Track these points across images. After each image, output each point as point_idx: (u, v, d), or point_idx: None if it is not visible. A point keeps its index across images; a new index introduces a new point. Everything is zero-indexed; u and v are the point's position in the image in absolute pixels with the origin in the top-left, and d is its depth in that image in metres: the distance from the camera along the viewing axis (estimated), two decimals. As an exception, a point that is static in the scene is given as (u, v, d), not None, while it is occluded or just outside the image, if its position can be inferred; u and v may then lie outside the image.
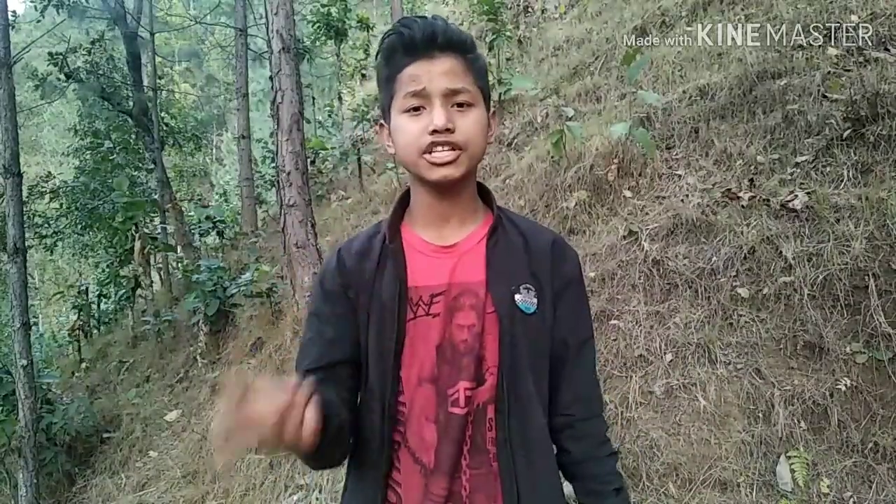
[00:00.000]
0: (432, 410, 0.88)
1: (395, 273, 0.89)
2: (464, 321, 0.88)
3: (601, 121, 4.18)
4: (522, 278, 0.90)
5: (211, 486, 3.41)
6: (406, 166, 0.89)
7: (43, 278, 16.84)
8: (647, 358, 2.60)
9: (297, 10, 6.79)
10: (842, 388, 2.14)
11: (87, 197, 8.75)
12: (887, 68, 3.06)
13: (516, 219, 0.97)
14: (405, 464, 0.89)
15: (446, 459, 0.87)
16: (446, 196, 0.90)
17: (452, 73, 0.85)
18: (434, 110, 0.83)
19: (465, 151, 0.85)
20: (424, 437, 0.88)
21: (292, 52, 3.81)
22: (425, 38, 0.84)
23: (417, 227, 0.93)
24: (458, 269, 0.89)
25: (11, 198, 4.05)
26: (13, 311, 4.03)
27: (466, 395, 0.87)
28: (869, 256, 2.34)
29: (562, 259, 0.95)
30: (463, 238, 0.92)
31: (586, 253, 3.23)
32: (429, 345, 0.87)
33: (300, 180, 3.75)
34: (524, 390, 0.89)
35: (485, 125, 0.89)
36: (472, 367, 0.87)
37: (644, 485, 2.17)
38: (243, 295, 5.16)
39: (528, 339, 0.89)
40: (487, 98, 0.91)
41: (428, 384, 0.88)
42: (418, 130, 0.84)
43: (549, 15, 7.42)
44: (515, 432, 0.88)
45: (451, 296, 0.88)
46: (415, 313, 0.88)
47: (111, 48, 9.28)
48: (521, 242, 0.93)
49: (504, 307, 0.88)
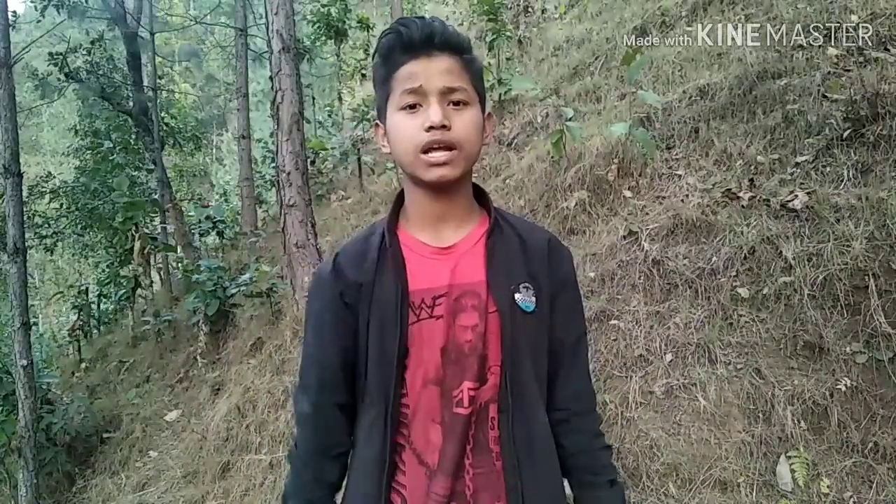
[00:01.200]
0: (437, 412, 0.88)
1: (396, 277, 0.89)
2: (467, 322, 0.88)
3: (601, 121, 4.18)
4: (521, 277, 0.91)
5: (211, 486, 3.41)
6: (402, 166, 0.89)
7: (43, 278, 16.84)
8: (647, 358, 2.60)
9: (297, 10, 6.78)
10: (842, 388, 2.14)
11: (87, 197, 8.75)
12: (887, 68, 3.05)
13: (511, 218, 0.98)
14: (410, 466, 0.89)
15: (449, 460, 0.87)
16: (442, 197, 0.90)
17: (449, 72, 0.85)
18: (430, 107, 0.83)
19: (460, 151, 0.85)
20: (430, 438, 0.88)
21: (292, 52, 3.81)
22: (423, 37, 0.85)
23: (413, 228, 0.93)
24: (458, 270, 0.90)
25: (11, 198, 4.04)
26: (13, 311, 4.03)
27: (470, 395, 0.88)
28: (869, 256, 2.34)
29: (557, 258, 0.96)
30: (461, 239, 0.92)
31: (586, 253, 3.23)
32: (433, 347, 0.88)
33: (300, 180, 3.75)
34: (526, 389, 0.90)
35: (480, 125, 0.89)
36: (476, 367, 0.88)
37: (644, 485, 2.16)
38: (243, 295, 5.17)
39: (528, 337, 0.89)
40: (483, 100, 0.91)
41: (433, 386, 0.88)
42: (414, 128, 0.84)
43: (549, 15, 7.42)
44: (518, 430, 0.88)
45: (452, 297, 0.88)
46: (418, 316, 0.88)
47: (111, 48, 9.27)
48: (517, 242, 0.94)
49: (505, 306, 0.88)
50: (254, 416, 3.73)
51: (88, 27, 9.83)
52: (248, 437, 3.59)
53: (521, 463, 0.88)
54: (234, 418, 3.83)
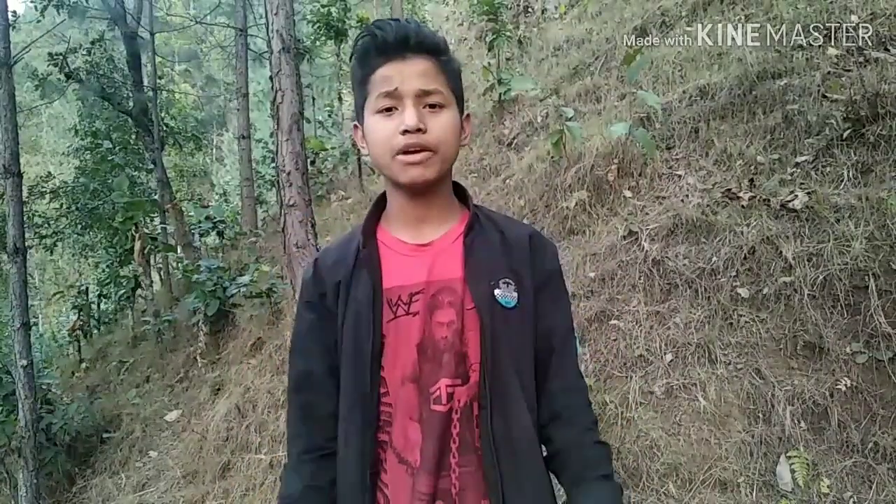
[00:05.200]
0: (415, 409, 0.88)
1: (371, 273, 0.89)
2: (443, 318, 0.88)
3: (601, 121, 4.18)
4: (501, 273, 0.90)
5: (211, 486, 3.41)
6: (379, 168, 0.90)
7: (43, 278, 16.85)
8: (647, 358, 2.60)
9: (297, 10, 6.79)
10: (842, 388, 2.14)
11: (87, 197, 8.76)
12: (887, 68, 3.06)
13: (493, 215, 0.98)
14: (391, 464, 0.89)
15: (431, 458, 0.87)
16: (420, 198, 0.90)
17: (425, 74, 0.85)
18: (406, 111, 0.84)
19: (436, 153, 0.85)
20: (409, 436, 0.88)
21: (292, 52, 3.80)
22: (398, 39, 0.85)
23: (394, 228, 0.94)
24: (435, 266, 0.89)
25: (11, 198, 4.05)
26: (13, 311, 4.03)
27: (448, 391, 0.87)
28: (869, 256, 2.34)
29: (541, 252, 0.95)
30: (439, 236, 0.92)
31: (586, 253, 3.23)
32: (410, 344, 0.88)
33: (300, 180, 3.75)
34: (507, 387, 0.88)
35: (457, 127, 0.89)
36: (454, 364, 0.87)
37: (644, 485, 2.17)
38: (243, 295, 5.17)
39: (509, 333, 0.88)
40: (461, 101, 0.91)
41: (410, 383, 0.88)
42: (390, 131, 0.84)
43: (549, 15, 7.42)
44: (498, 430, 0.87)
45: (429, 293, 0.88)
46: (394, 313, 0.88)
47: (111, 48, 9.28)
48: (498, 238, 0.93)
49: (484, 302, 0.87)
50: (254, 416, 3.73)
51: (88, 27, 9.83)
52: (248, 437, 3.60)
53: (500, 460, 0.87)
54: (234, 418, 3.83)
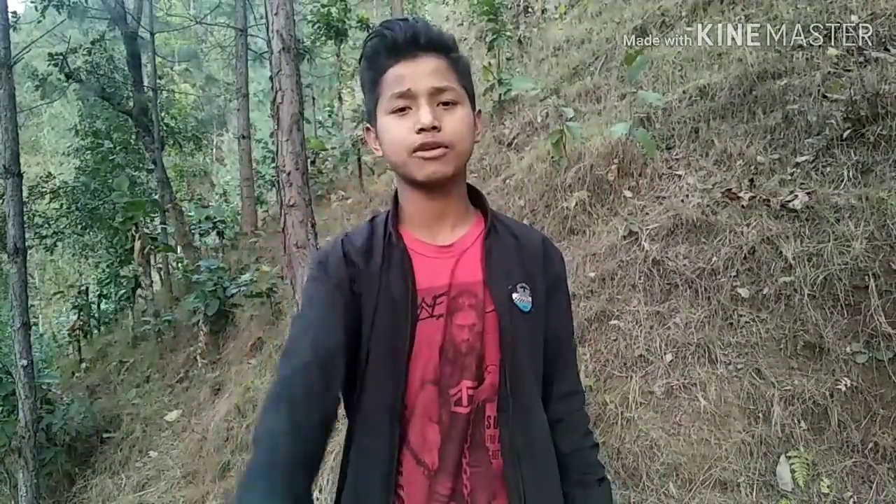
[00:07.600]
0: (435, 411, 0.88)
1: (405, 273, 0.89)
2: (464, 321, 0.88)
3: (601, 121, 4.18)
4: (518, 277, 0.92)
5: (211, 486, 3.41)
6: (395, 167, 0.89)
7: (43, 278, 16.84)
8: (647, 358, 2.60)
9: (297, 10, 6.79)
10: (842, 388, 2.14)
11: (87, 197, 8.76)
12: (887, 68, 3.05)
13: (505, 220, 0.99)
14: (407, 465, 0.89)
15: (450, 459, 0.87)
16: (437, 195, 0.91)
17: (436, 72, 0.85)
18: (420, 109, 0.84)
19: (452, 150, 0.86)
20: (427, 437, 0.88)
21: (292, 52, 3.80)
22: (408, 39, 0.85)
23: (412, 228, 0.94)
24: (457, 269, 0.90)
25: (11, 198, 4.05)
26: (13, 311, 4.03)
27: (469, 394, 0.88)
28: (869, 256, 2.34)
29: (551, 258, 0.98)
30: (458, 238, 0.93)
31: (586, 253, 3.23)
32: (433, 346, 0.88)
33: (300, 180, 3.74)
34: (526, 388, 0.90)
35: (471, 123, 0.89)
36: (474, 367, 0.88)
37: (644, 485, 2.16)
38: (243, 295, 5.17)
39: (525, 336, 0.90)
40: (472, 97, 0.92)
41: (430, 385, 0.88)
42: (405, 130, 0.84)
43: (549, 15, 7.41)
44: (518, 431, 0.88)
45: (451, 296, 0.89)
46: (418, 316, 0.88)
47: (111, 48, 9.29)
48: (513, 243, 0.95)
49: (503, 306, 0.89)
50: (254, 416, 3.73)
51: (88, 27, 9.85)
52: (248, 437, 3.59)
53: (521, 462, 0.88)
54: (234, 418, 3.83)
